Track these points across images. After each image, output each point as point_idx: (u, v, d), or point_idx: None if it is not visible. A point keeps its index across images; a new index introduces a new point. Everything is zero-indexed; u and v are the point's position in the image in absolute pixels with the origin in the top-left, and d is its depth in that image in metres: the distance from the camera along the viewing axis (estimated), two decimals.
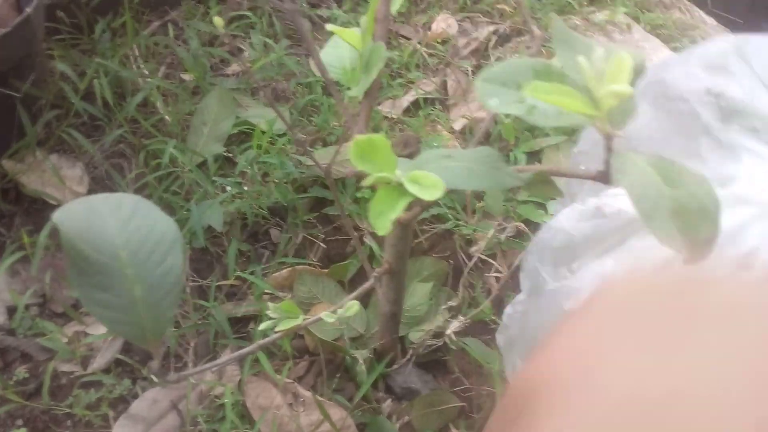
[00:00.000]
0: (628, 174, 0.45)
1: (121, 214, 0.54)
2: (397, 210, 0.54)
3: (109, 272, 0.52)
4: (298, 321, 0.73)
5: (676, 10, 1.68)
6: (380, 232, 0.54)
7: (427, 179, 0.53)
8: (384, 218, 0.54)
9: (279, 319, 0.74)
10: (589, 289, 0.53)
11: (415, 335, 1.08)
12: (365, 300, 1.10)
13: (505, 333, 0.66)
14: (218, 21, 0.84)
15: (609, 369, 0.32)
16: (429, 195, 0.52)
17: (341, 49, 0.81)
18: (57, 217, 0.51)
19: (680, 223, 0.42)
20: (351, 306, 0.72)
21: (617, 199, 0.56)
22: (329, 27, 0.77)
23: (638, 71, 0.51)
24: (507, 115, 1.27)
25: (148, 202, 0.55)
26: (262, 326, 0.72)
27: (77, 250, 0.51)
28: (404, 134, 0.80)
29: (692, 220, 0.42)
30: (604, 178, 0.50)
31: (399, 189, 0.54)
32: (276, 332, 0.73)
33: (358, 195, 1.20)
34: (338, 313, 0.72)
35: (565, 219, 0.63)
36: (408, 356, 1.05)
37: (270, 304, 0.72)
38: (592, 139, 0.68)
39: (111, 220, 0.54)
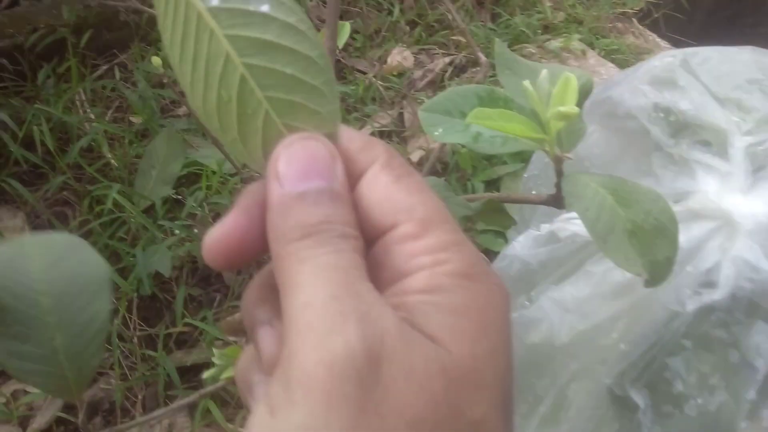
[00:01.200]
0: (581, 197, 0.42)
1: (50, 256, 0.50)
2: None
3: (27, 321, 0.48)
4: None
5: (630, 35, 1.69)
6: None
7: None
8: None
9: (225, 366, 0.70)
10: (550, 317, 0.50)
11: None
12: None
13: None
14: (156, 61, 0.81)
15: None
16: None
17: None
18: None
19: (637, 244, 0.39)
20: None
21: (571, 223, 0.53)
22: None
23: (586, 91, 0.49)
24: (463, 145, 1.25)
25: (83, 241, 0.51)
26: (207, 374, 0.68)
27: None
28: None
29: (649, 240, 0.39)
30: (556, 202, 0.47)
31: None
32: (221, 380, 0.69)
33: None
34: None
35: (519, 246, 0.60)
36: None
37: (215, 351, 0.68)
38: (543, 163, 0.66)
39: (37, 263, 0.50)
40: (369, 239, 0.27)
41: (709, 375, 0.45)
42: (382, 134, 1.37)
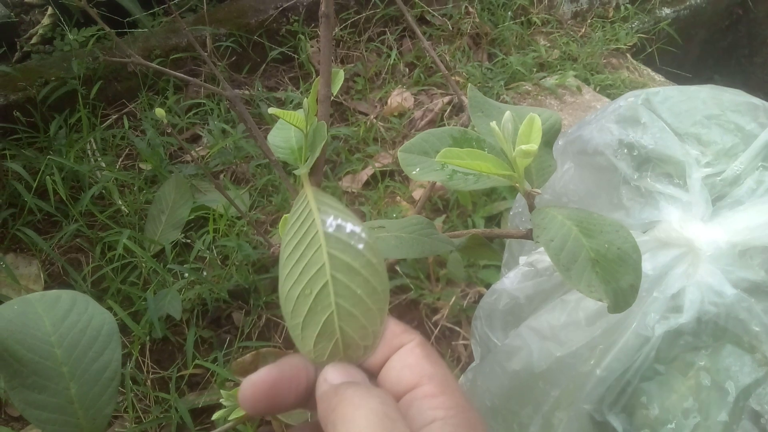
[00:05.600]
0: (547, 229, 0.45)
1: (57, 311, 0.53)
2: None
3: (43, 372, 0.51)
4: None
5: (625, 70, 1.72)
6: None
7: None
8: None
9: (233, 407, 0.72)
10: (529, 345, 0.52)
11: None
12: None
13: None
14: (160, 112, 0.85)
15: None
16: None
17: (288, 130, 0.82)
18: None
19: (601, 272, 0.41)
20: None
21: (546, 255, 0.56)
22: (271, 110, 0.78)
23: (555, 130, 0.52)
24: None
25: (86, 296, 0.54)
26: (216, 415, 0.70)
27: (10, 351, 0.50)
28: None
29: (613, 268, 0.41)
30: (531, 235, 0.50)
31: None
32: (229, 420, 0.71)
33: None
34: None
35: (508, 281, 0.63)
36: None
37: (223, 392, 0.70)
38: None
39: (47, 318, 0.53)
40: (398, 394, 0.35)
41: (683, 398, 0.47)
42: (384, 174, 1.40)
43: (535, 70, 1.67)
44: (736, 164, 0.50)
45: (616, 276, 0.41)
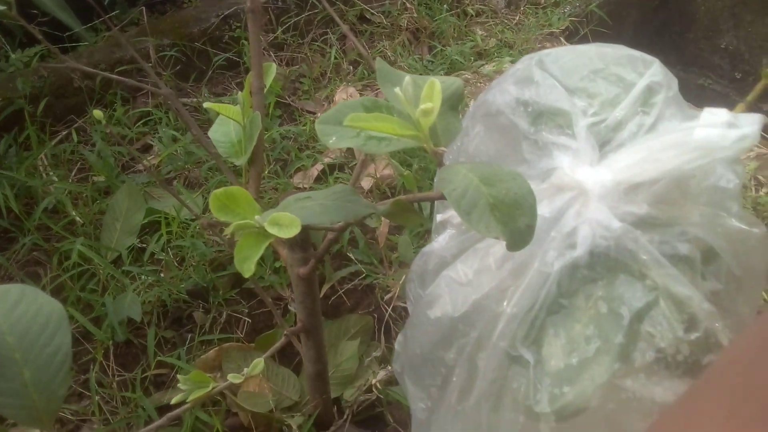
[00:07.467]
0: (451, 181, 0.49)
1: (7, 302, 0.56)
2: (260, 251, 0.57)
3: None
4: (208, 389, 0.74)
5: None
6: (246, 275, 0.56)
7: (285, 219, 0.56)
8: (249, 262, 0.57)
9: (189, 390, 0.75)
10: (447, 292, 0.57)
11: (348, 393, 1.09)
12: (298, 368, 1.11)
13: (399, 361, 0.69)
14: (97, 114, 0.87)
15: None
16: (286, 233, 0.55)
17: (227, 124, 0.86)
18: None
19: (498, 215, 0.46)
20: (256, 364, 0.74)
21: None
22: (206, 104, 0.81)
23: (458, 95, 0.56)
24: (408, 167, 1.33)
25: (35, 288, 0.57)
26: (174, 400, 0.73)
27: None
28: (289, 192, 0.84)
29: (510, 212, 0.46)
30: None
31: (261, 233, 0.57)
32: (187, 403, 0.74)
33: (277, 265, 1.22)
34: (244, 373, 0.74)
35: (437, 244, 0.67)
36: (345, 416, 1.06)
37: (179, 377, 0.73)
38: None
39: None
40: None
41: (585, 327, 0.52)
42: (333, 167, 1.44)
43: (473, 59, 1.72)
44: (618, 111, 0.55)
45: (514, 218, 0.46)
